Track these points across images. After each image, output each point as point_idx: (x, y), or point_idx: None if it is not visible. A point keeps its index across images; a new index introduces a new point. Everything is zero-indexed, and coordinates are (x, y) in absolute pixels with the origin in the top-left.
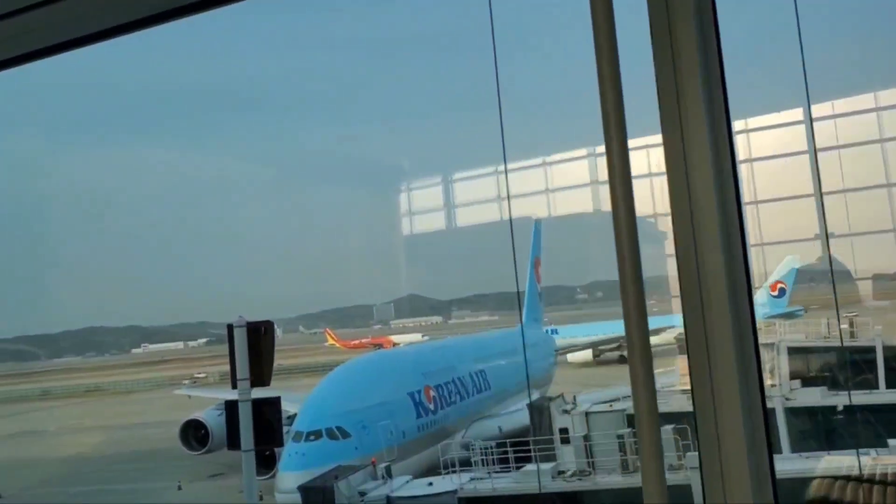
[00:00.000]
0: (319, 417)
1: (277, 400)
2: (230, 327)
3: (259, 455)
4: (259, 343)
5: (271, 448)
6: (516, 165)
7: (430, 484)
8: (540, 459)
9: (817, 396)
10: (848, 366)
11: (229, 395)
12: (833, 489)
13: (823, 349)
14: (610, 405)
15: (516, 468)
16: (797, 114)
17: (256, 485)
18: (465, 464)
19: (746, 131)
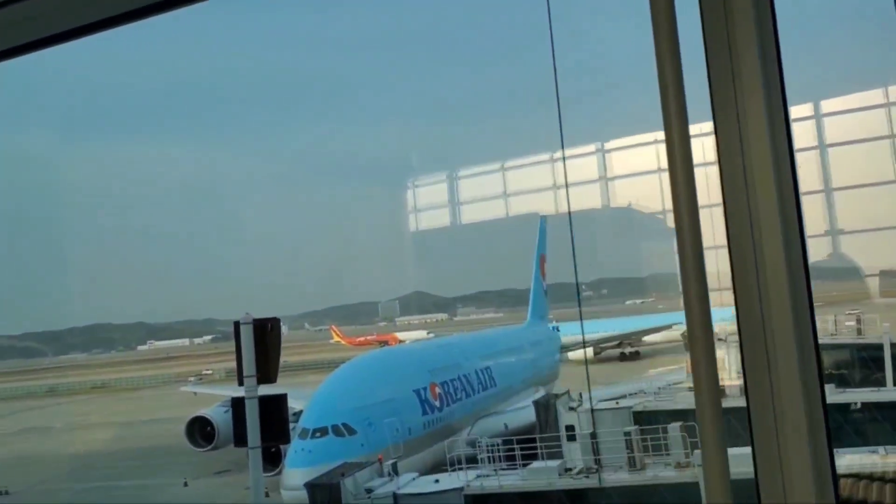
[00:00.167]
0: (326, 414)
1: (284, 397)
2: (237, 324)
3: (265, 452)
4: (265, 340)
5: (277, 445)
6: (522, 161)
7: (437, 481)
8: (546, 457)
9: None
10: (856, 363)
11: (235, 392)
12: (844, 487)
13: (831, 347)
14: (616, 402)
15: (522, 465)
16: (807, 109)
17: (262, 481)
18: (472, 461)
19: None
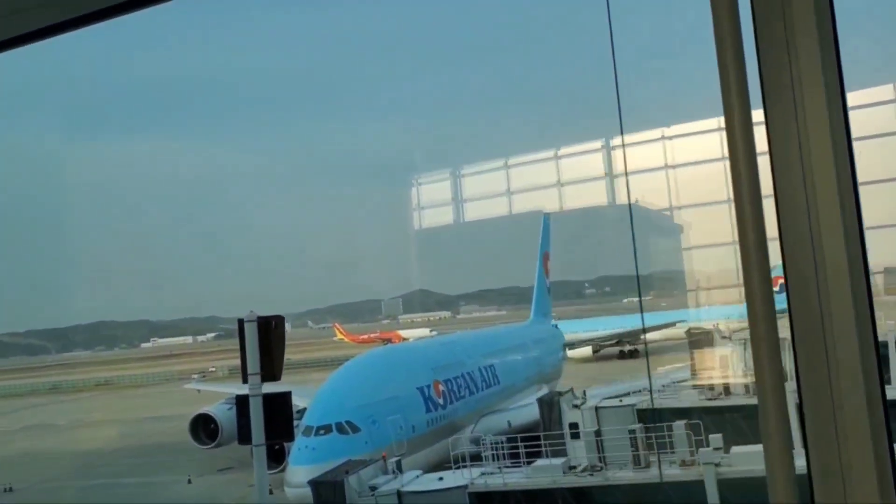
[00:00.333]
0: (329, 412)
1: (288, 394)
2: (241, 322)
3: (269, 449)
4: (269, 338)
5: (281, 442)
6: (526, 159)
7: (441, 479)
8: (550, 454)
9: None
10: None
11: (239, 390)
12: None
13: None
14: (620, 400)
15: (526, 463)
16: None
17: (267, 479)
18: (475, 458)
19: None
